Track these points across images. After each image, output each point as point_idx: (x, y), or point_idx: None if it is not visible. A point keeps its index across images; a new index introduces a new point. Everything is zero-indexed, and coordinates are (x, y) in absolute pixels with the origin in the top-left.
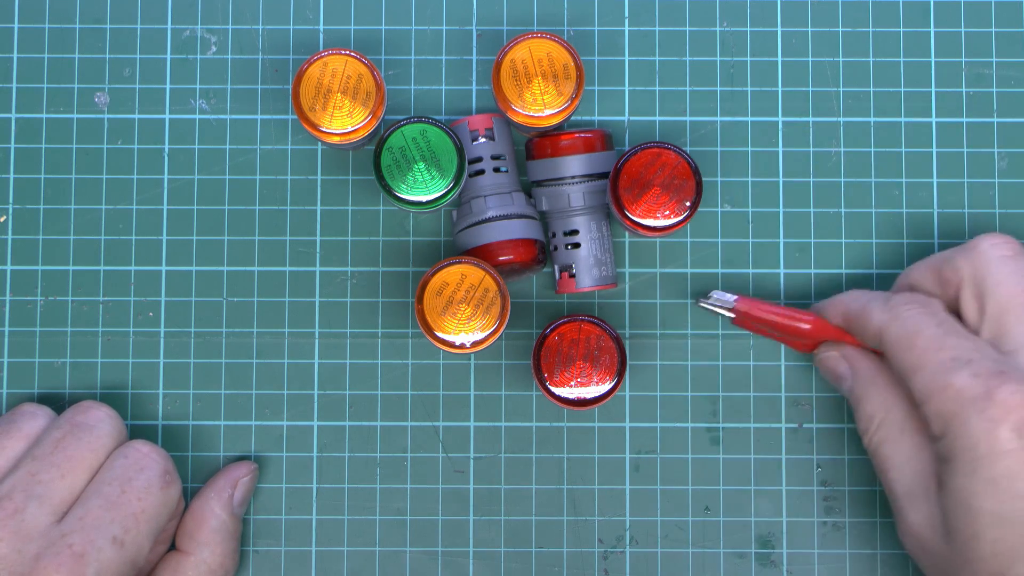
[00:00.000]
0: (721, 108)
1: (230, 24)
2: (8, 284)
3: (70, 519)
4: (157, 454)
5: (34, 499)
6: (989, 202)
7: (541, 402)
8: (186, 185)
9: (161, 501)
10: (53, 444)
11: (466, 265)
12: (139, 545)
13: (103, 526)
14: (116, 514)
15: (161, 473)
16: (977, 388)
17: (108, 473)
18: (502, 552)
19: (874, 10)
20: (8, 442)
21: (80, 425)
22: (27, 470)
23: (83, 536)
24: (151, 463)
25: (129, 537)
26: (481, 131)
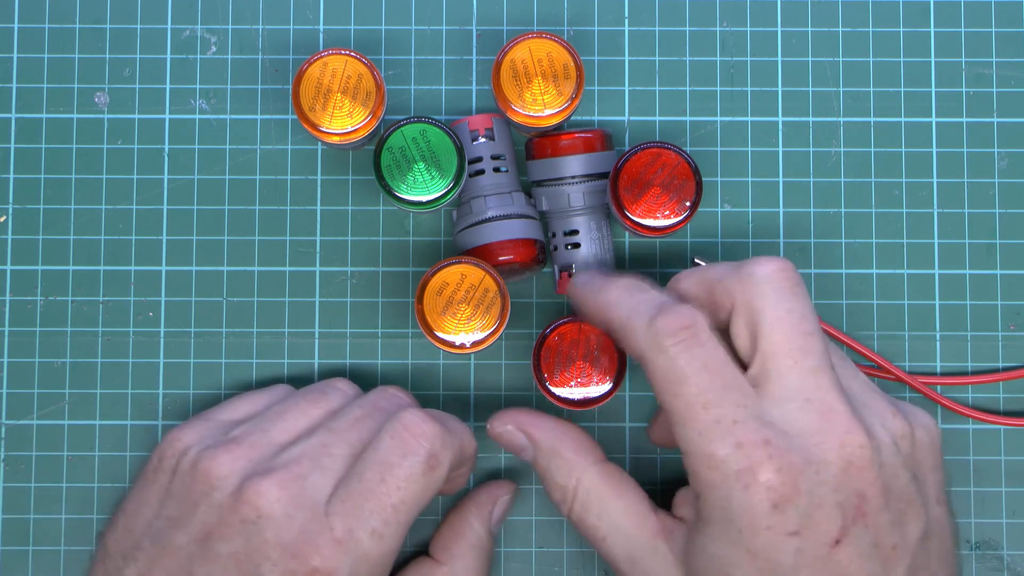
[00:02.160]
0: (721, 108)
1: (230, 24)
2: (8, 284)
3: (333, 501)
4: (425, 434)
5: (319, 469)
6: (989, 202)
7: (541, 402)
8: (186, 185)
9: (422, 488)
10: (351, 421)
11: (466, 265)
12: (398, 539)
13: (363, 516)
14: (375, 504)
15: (426, 458)
16: (740, 462)
17: (372, 455)
18: (502, 552)
19: (874, 10)
20: (311, 409)
21: (382, 410)
22: (320, 440)
23: (344, 522)
24: (417, 446)
25: (388, 531)
26: (481, 131)
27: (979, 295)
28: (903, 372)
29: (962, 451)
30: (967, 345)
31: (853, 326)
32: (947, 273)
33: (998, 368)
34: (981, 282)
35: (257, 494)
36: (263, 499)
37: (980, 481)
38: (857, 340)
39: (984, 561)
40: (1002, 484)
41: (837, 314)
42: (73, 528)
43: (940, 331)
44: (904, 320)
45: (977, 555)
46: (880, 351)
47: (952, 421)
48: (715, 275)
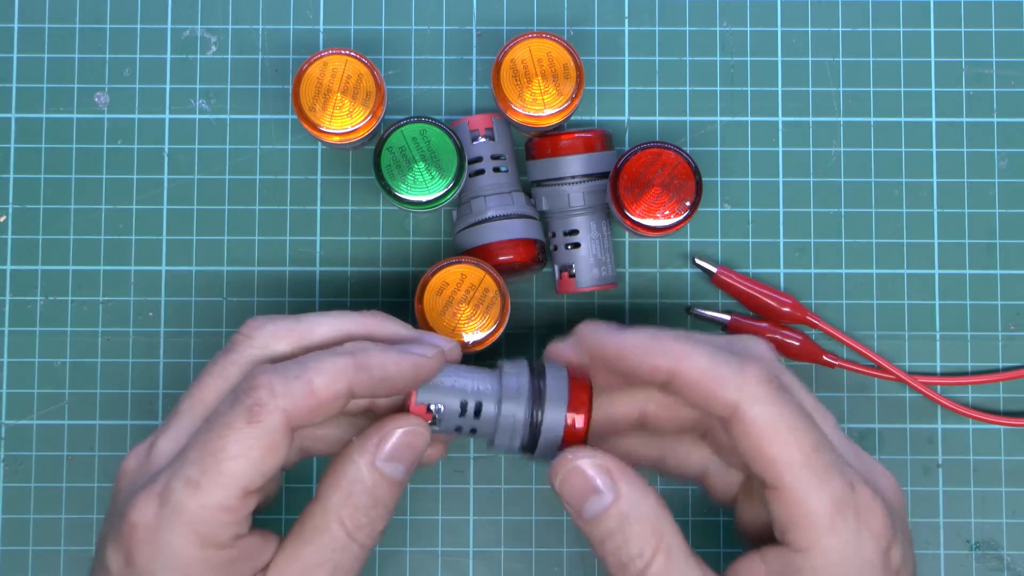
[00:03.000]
0: (721, 108)
1: (230, 24)
2: (8, 284)
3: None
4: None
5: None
6: (989, 202)
7: None
8: (186, 185)
9: (248, 437)
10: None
11: (466, 265)
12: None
13: (184, 466)
14: (196, 453)
15: (249, 406)
16: (860, 503)
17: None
18: (502, 552)
19: (874, 10)
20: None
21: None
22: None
23: (166, 475)
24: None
25: (206, 479)
26: (481, 131)
27: (979, 295)
28: (903, 372)
29: (962, 451)
30: (967, 345)
31: (853, 326)
32: (947, 273)
33: (998, 368)
34: (981, 282)
35: (120, 473)
36: (120, 473)
37: (980, 481)
38: (857, 340)
39: (984, 561)
40: (1002, 484)
41: (837, 314)
42: (73, 528)
43: (940, 331)
44: (904, 320)
45: (977, 555)
46: (880, 351)
47: (952, 421)
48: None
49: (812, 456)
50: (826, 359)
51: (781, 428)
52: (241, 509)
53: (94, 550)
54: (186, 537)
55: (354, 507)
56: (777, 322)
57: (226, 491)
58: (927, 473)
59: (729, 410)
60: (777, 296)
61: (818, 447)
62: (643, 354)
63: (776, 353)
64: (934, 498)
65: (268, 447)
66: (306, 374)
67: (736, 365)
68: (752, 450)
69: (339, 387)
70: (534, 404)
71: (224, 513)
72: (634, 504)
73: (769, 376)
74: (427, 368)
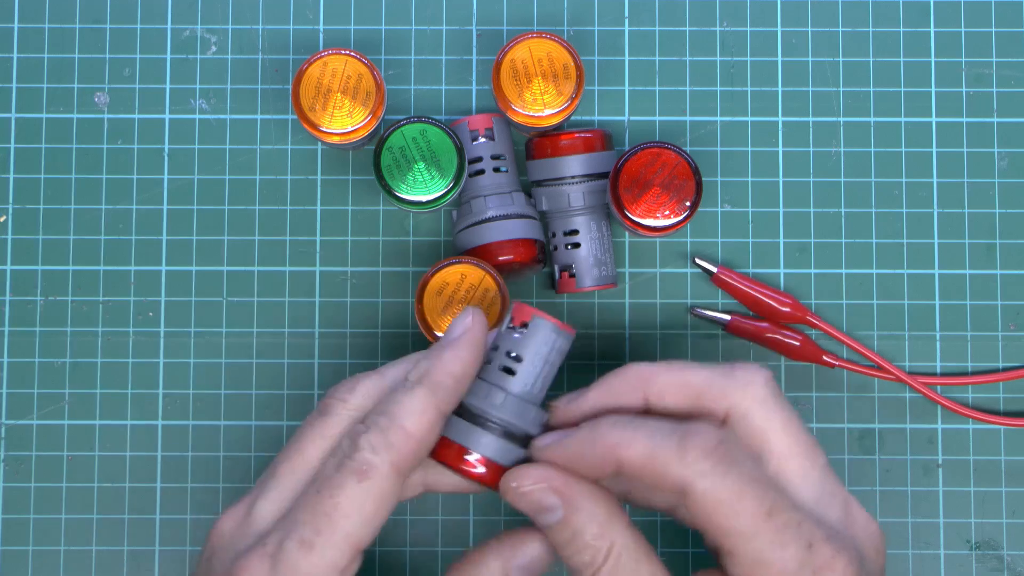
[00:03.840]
0: (721, 108)
1: (230, 24)
2: (8, 284)
3: (277, 521)
4: (357, 445)
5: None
6: (989, 202)
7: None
8: (186, 185)
9: (358, 494)
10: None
11: (466, 265)
12: (336, 550)
13: (295, 527)
14: (307, 515)
15: (356, 466)
16: (817, 561)
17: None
18: None
19: (874, 10)
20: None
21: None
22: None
23: (277, 537)
24: (349, 460)
25: (320, 540)
26: (481, 131)
27: (979, 295)
28: (903, 372)
29: (962, 451)
30: (967, 345)
31: (853, 326)
32: (947, 273)
33: (998, 368)
34: (981, 282)
35: (214, 534)
36: (215, 535)
37: (980, 481)
38: (857, 340)
39: (984, 561)
40: (1002, 484)
41: (837, 314)
42: (73, 528)
43: (940, 331)
44: (904, 320)
45: (977, 555)
46: (880, 351)
47: (952, 421)
48: (700, 383)
49: (764, 522)
50: (826, 359)
51: (727, 500)
52: (351, 569)
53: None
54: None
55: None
56: (777, 322)
57: (339, 550)
58: (927, 473)
59: (677, 490)
60: (777, 296)
61: (772, 511)
62: (586, 455)
63: (770, 375)
64: (934, 498)
65: (379, 500)
66: (396, 422)
67: (677, 441)
68: (705, 523)
69: (430, 418)
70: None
71: (335, 573)
72: (582, 519)
73: (710, 448)
74: (476, 338)
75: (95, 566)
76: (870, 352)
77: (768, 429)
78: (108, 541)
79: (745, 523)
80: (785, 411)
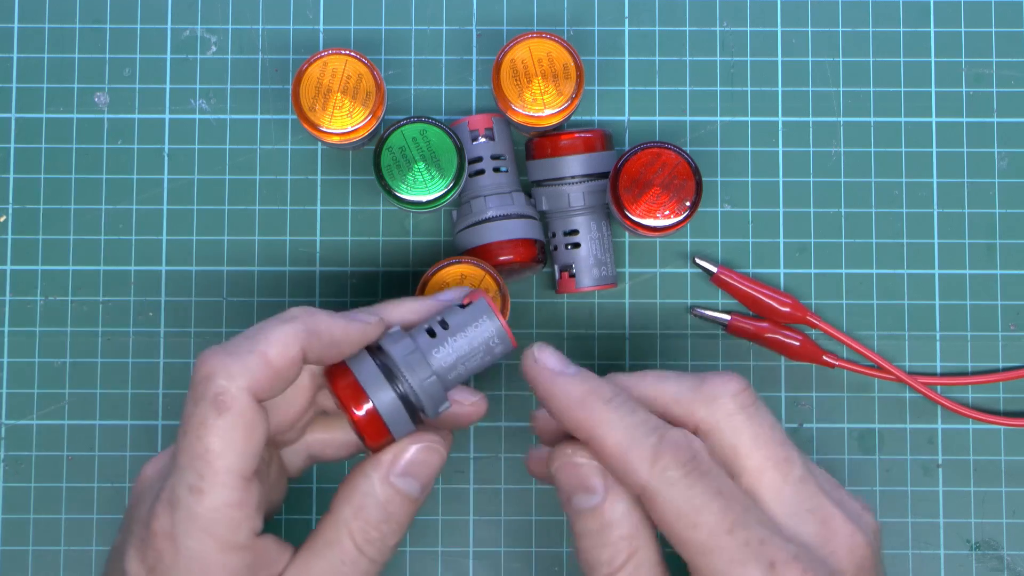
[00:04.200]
0: (721, 108)
1: (230, 24)
2: (8, 284)
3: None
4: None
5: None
6: (989, 202)
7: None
8: (186, 185)
9: (224, 430)
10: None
11: (466, 265)
12: (226, 490)
13: (181, 474)
14: (186, 459)
15: (211, 398)
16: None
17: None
18: (502, 552)
19: (874, 10)
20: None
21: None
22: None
23: (169, 484)
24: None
25: (205, 483)
26: (481, 131)
27: (979, 295)
28: (903, 372)
29: (962, 451)
30: (967, 345)
31: (853, 326)
32: (947, 273)
33: (998, 368)
34: (981, 282)
35: (139, 480)
36: (139, 480)
37: (980, 481)
38: (857, 340)
39: (984, 561)
40: (1002, 484)
41: (837, 314)
42: (73, 528)
43: (940, 331)
44: (904, 320)
45: (977, 555)
46: (880, 351)
47: (952, 421)
48: (670, 395)
49: (723, 539)
50: (826, 359)
51: (688, 513)
52: (247, 501)
53: (108, 561)
54: (205, 543)
55: (364, 521)
56: (777, 322)
57: (227, 488)
58: (927, 473)
59: (638, 490)
60: (777, 296)
61: (733, 528)
62: (570, 408)
63: (742, 386)
64: (934, 498)
65: (247, 430)
66: (258, 346)
67: (651, 446)
68: (666, 530)
69: (293, 352)
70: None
71: (233, 509)
72: (619, 513)
73: (684, 459)
74: (370, 334)
75: (95, 566)
76: (870, 352)
77: (737, 444)
78: (107, 541)
79: (704, 538)
80: (755, 424)
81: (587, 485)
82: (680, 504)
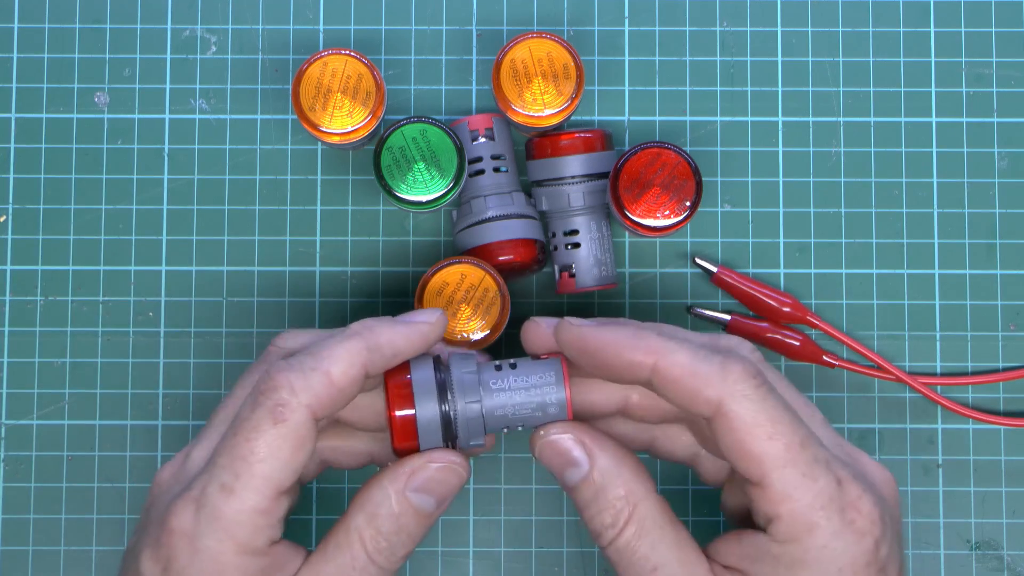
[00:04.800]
0: (721, 108)
1: (230, 24)
2: (8, 284)
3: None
4: (274, 385)
5: (198, 443)
6: (989, 202)
7: None
8: (186, 185)
9: (274, 438)
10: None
11: (466, 265)
12: (257, 494)
13: (216, 472)
14: (227, 459)
15: (271, 407)
16: (846, 498)
17: (235, 417)
18: (502, 552)
19: (874, 10)
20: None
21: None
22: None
23: (200, 481)
24: (264, 398)
25: (239, 484)
26: (481, 131)
27: (979, 295)
28: (903, 372)
29: (962, 451)
30: (967, 345)
31: (853, 326)
32: (947, 273)
33: (998, 368)
34: (981, 282)
35: (154, 483)
36: (154, 484)
37: (980, 481)
38: (857, 340)
39: (984, 561)
40: (1002, 484)
41: (837, 314)
42: (73, 528)
43: (940, 331)
44: (904, 320)
45: (977, 555)
46: (880, 351)
47: (952, 421)
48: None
49: (798, 452)
50: (826, 359)
51: (765, 424)
52: (275, 511)
53: (123, 562)
54: (224, 543)
55: (376, 530)
56: (777, 322)
57: (260, 494)
58: (927, 473)
59: (712, 408)
60: (777, 296)
61: (804, 443)
62: (623, 349)
63: (758, 353)
64: (934, 498)
65: (296, 444)
66: (322, 365)
67: (718, 362)
68: (736, 448)
69: (356, 372)
70: (441, 399)
71: (259, 516)
72: (608, 475)
73: (752, 373)
74: (432, 336)
75: (95, 566)
76: (870, 352)
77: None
78: (108, 541)
79: (779, 450)
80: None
81: (570, 459)
82: (755, 415)
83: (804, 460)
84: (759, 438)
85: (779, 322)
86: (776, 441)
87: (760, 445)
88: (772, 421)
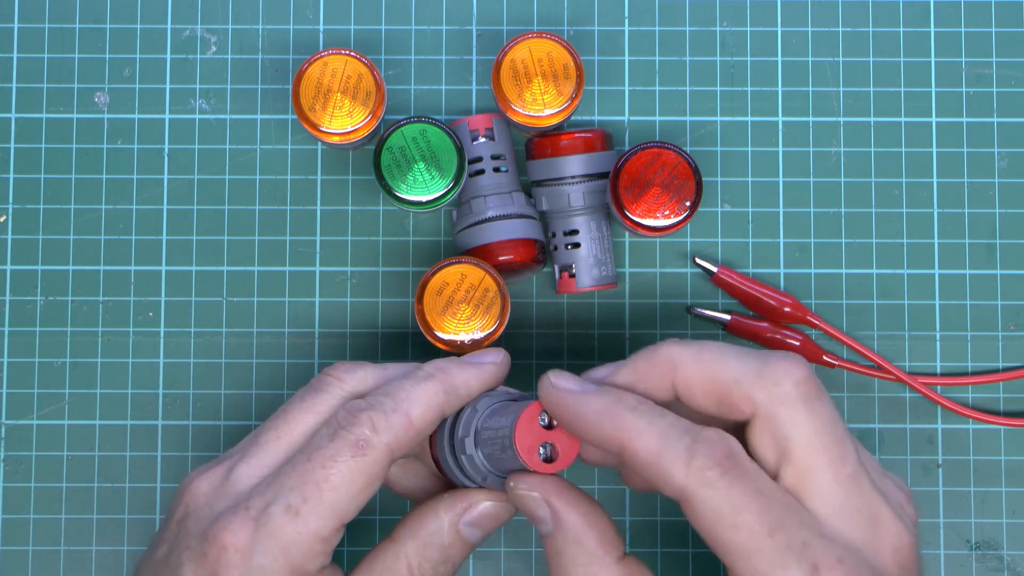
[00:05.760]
0: (721, 108)
1: (230, 24)
2: (8, 284)
3: (260, 485)
4: (358, 420)
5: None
6: (989, 202)
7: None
8: (186, 185)
9: (351, 469)
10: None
11: (466, 265)
12: (322, 519)
13: (282, 492)
14: (296, 480)
15: (354, 441)
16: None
17: (307, 443)
18: (502, 552)
19: (874, 10)
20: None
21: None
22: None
23: (261, 500)
24: (345, 432)
25: (307, 508)
26: (481, 131)
27: (979, 295)
28: (903, 372)
29: (962, 451)
30: (967, 345)
31: (853, 326)
32: (947, 273)
33: (998, 368)
34: (981, 282)
35: (189, 494)
36: (190, 495)
37: (980, 481)
38: (857, 340)
39: (984, 561)
40: (1002, 484)
41: (837, 314)
42: (73, 528)
43: (940, 331)
44: (904, 320)
45: (977, 555)
46: (880, 351)
47: (952, 421)
48: (731, 376)
49: (764, 541)
50: (826, 359)
51: (727, 515)
52: (332, 540)
53: (153, 573)
54: (278, 562)
55: (425, 558)
56: (777, 322)
57: (324, 520)
58: (927, 473)
59: (676, 494)
60: (777, 296)
61: (774, 529)
62: (592, 425)
63: (809, 370)
64: (934, 498)
65: (369, 479)
66: (402, 407)
67: (684, 447)
68: (704, 533)
69: (433, 415)
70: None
71: (319, 543)
72: (570, 541)
73: (723, 456)
74: (501, 375)
75: (95, 566)
76: (870, 352)
77: (791, 436)
78: (108, 541)
79: (744, 540)
80: (814, 417)
81: (536, 515)
82: (719, 505)
83: (771, 548)
84: (724, 528)
85: (779, 322)
86: (740, 531)
87: (724, 535)
88: (736, 511)
